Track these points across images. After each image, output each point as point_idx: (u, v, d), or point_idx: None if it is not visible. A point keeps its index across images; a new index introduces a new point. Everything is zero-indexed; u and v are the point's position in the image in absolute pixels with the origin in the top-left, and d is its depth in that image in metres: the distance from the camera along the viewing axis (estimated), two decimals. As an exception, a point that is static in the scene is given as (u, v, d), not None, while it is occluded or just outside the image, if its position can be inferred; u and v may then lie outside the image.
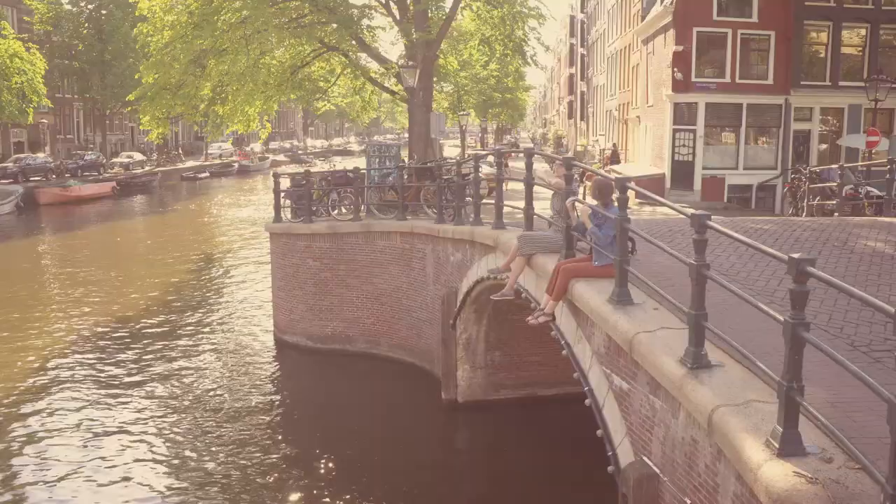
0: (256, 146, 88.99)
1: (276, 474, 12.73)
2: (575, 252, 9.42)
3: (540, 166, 14.12)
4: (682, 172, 32.40)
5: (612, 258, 8.14)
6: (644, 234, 7.80)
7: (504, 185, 13.63)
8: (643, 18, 39.53)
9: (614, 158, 44.29)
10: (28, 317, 22.45)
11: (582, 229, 9.01)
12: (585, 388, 8.42)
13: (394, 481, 12.45)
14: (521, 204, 11.77)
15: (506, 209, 13.09)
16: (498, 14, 25.93)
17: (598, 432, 7.99)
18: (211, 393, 16.23)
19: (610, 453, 7.71)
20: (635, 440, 7.16)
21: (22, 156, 55.13)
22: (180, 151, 79.95)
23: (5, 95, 45.03)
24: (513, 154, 36.34)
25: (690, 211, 6.43)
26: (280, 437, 14.32)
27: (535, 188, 11.53)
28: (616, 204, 8.09)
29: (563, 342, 9.11)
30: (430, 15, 24.85)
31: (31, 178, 51.19)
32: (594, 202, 8.79)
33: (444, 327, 15.26)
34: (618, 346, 7.42)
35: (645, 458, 6.88)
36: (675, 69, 31.65)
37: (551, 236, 10.22)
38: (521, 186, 11.85)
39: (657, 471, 6.62)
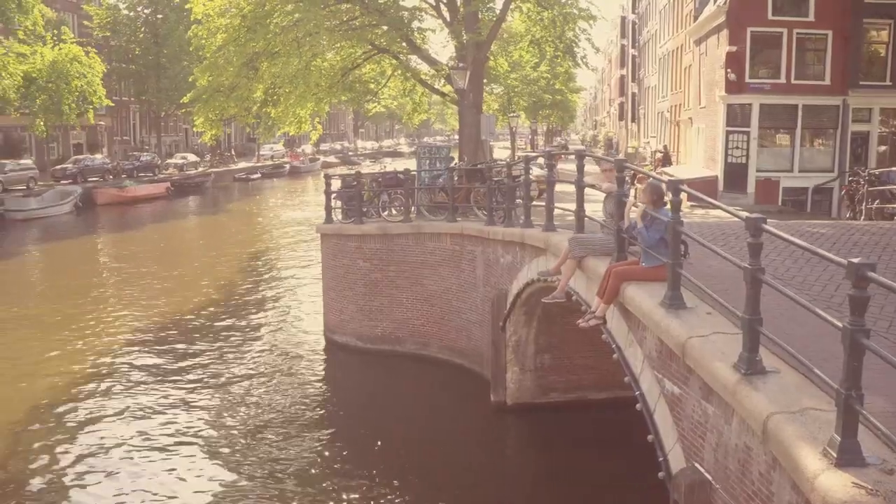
0: (307, 147, 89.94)
1: (322, 473, 12.83)
2: (627, 255, 9.32)
3: (590, 168, 14.01)
4: (735, 175, 31.89)
5: (662, 260, 8.06)
6: (697, 238, 7.69)
7: (554, 186, 13.55)
8: (696, 19, 39.07)
9: (666, 161, 43.79)
10: (85, 313, 23.04)
11: (635, 232, 8.90)
12: (636, 393, 8.33)
13: (441, 483, 12.46)
14: (572, 206, 11.70)
15: (556, 211, 13.02)
16: (548, 15, 25.80)
17: (649, 437, 7.90)
18: (260, 391, 16.41)
19: (661, 459, 7.62)
20: (687, 446, 7.06)
21: (81, 157, 56.50)
22: (233, 153, 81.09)
23: (66, 98, 46.10)
24: (563, 156, 36.14)
25: (745, 214, 6.32)
26: (327, 437, 14.42)
27: (587, 190, 11.44)
28: (668, 206, 7.99)
29: (613, 346, 9.03)
30: (480, 17, 24.86)
31: (89, 179, 52.41)
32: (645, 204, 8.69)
33: (493, 329, 15.23)
34: (670, 351, 7.33)
35: (697, 465, 6.78)
36: (729, 70, 31.18)
37: (603, 239, 10.14)
38: (571, 188, 11.77)
39: (709, 478, 6.52)
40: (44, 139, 56.34)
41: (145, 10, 67.48)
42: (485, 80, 29.41)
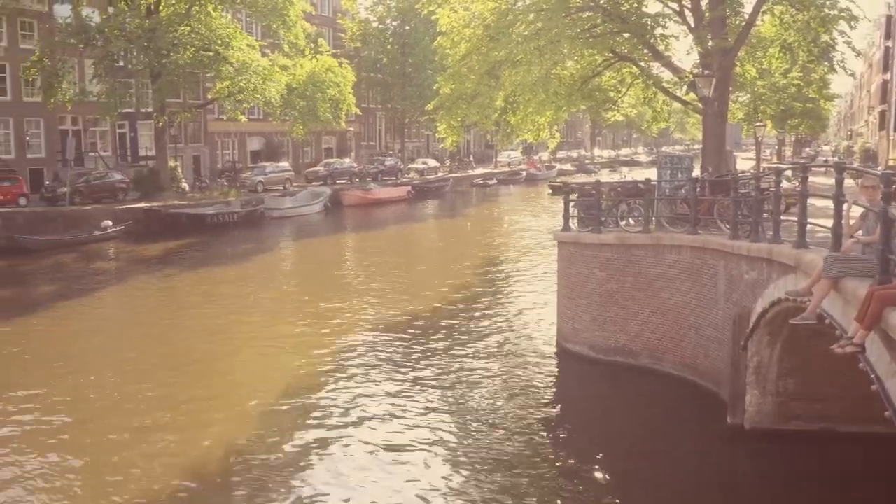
0: (544, 155, 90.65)
1: (541, 479, 12.75)
2: (892, 278, 8.57)
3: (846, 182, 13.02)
4: None
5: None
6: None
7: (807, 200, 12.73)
8: (976, 18, 35.36)
9: (934, 174, 39.95)
10: (330, 302, 25.10)
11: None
12: (898, 429, 7.65)
13: (667, 501, 12.09)
14: (827, 222, 10.93)
15: (808, 227, 12.24)
16: (803, 18, 24.22)
17: (912, 479, 7.22)
18: (489, 393, 16.68)
19: (925, 504, 6.94)
20: (959, 493, 6.38)
21: (331, 160, 60.73)
22: (471, 159, 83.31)
23: (321, 105, 49.41)
24: (813, 168, 33.98)
25: None
26: (551, 443, 14.39)
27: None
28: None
29: (873, 376, 8.32)
30: (727, 21, 23.85)
31: (338, 181, 56.00)
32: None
33: (733, 349, 14.55)
34: (941, 387, 6.66)
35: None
36: None
37: (863, 259, 9.38)
38: (821, 203, 11.01)
39: None
40: (299, 143, 60.75)
41: (394, 23, 70.94)
42: (730, 88, 28.14)
